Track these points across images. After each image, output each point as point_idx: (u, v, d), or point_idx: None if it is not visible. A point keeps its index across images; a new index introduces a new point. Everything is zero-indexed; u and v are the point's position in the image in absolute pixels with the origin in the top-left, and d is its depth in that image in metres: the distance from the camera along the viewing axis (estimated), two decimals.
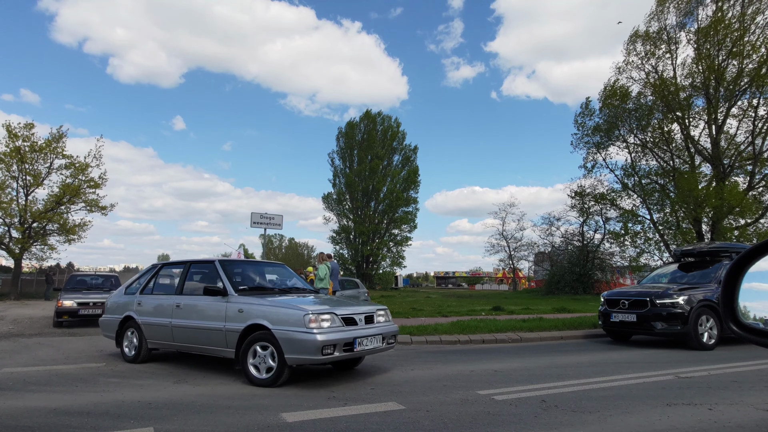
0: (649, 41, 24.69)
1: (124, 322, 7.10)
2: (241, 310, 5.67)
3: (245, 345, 5.50)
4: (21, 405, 4.47)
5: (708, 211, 22.11)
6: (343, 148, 48.57)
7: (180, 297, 6.53)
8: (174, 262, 7.90)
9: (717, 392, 5.03)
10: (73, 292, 12.72)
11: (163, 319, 6.51)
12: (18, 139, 23.53)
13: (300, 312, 5.23)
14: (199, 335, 6.08)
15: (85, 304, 11.88)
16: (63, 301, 11.76)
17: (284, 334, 5.18)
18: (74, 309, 11.75)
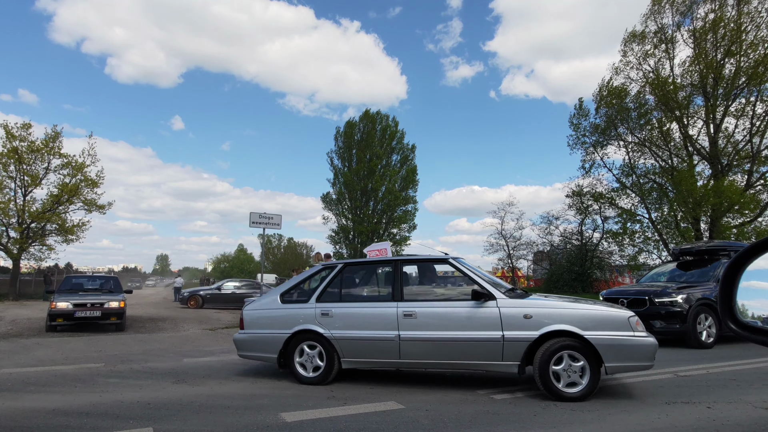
0: (646, 41, 24.71)
1: (294, 337, 5.68)
2: (529, 315, 4.87)
3: (544, 356, 4.73)
4: (20, 406, 4.47)
5: (706, 209, 22.14)
6: (342, 147, 48.56)
7: (408, 304, 5.34)
8: (367, 262, 6.98)
9: (716, 390, 5.04)
10: (68, 294, 11.91)
11: (383, 332, 5.29)
12: (15, 140, 23.48)
13: (623, 314, 4.81)
14: (453, 349, 5.07)
15: (82, 306, 11.04)
16: (57, 302, 10.97)
17: (607, 340, 4.62)
18: (70, 311, 10.89)
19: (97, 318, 11.15)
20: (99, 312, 11.18)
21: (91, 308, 11.17)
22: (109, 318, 11.31)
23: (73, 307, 10.96)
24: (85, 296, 11.78)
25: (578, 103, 28.81)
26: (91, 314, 11.09)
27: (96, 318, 11.15)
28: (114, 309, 11.36)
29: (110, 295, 12.15)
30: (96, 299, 11.50)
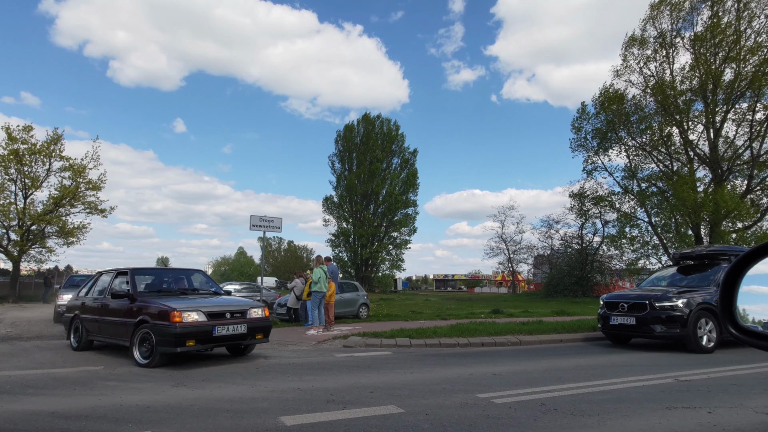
0: (646, 46, 24.79)
1: None
2: None
3: None
4: (19, 408, 4.46)
5: (705, 216, 22.16)
6: (342, 151, 48.62)
7: None
8: None
9: (716, 395, 5.02)
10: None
11: None
12: (17, 142, 23.53)
13: None
14: None
15: None
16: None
17: None
18: None
19: None
20: None
21: None
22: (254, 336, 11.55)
23: None
24: None
25: (581, 107, 28.91)
26: None
27: None
28: None
29: None
30: None
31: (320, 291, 11.24)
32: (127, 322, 7.12)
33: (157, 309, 6.75)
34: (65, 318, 9.02)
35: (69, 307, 9.09)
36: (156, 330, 6.56)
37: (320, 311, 11.36)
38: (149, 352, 6.70)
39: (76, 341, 8.55)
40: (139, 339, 6.86)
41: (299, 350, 8.81)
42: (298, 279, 14.56)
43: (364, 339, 9.73)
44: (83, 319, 8.37)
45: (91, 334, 8.25)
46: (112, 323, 7.60)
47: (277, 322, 14.17)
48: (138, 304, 7.16)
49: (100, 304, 8.07)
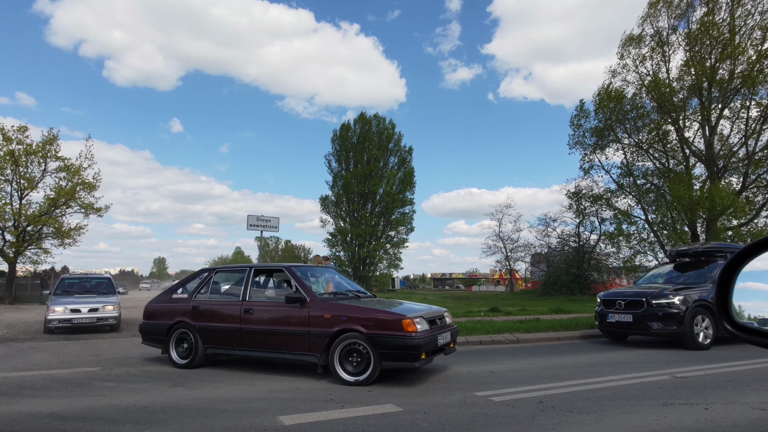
0: (642, 44, 24.85)
1: None
2: None
3: None
4: (16, 410, 4.44)
5: (701, 213, 22.24)
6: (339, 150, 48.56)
7: None
8: None
9: (713, 392, 5.05)
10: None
11: None
12: (12, 143, 23.41)
13: None
14: None
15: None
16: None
17: None
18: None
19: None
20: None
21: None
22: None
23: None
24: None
25: (579, 104, 28.98)
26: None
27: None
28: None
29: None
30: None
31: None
32: (313, 332, 5.88)
33: (377, 316, 5.68)
34: (152, 326, 7.19)
35: (163, 312, 7.15)
36: (380, 342, 5.50)
37: None
38: (363, 367, 5.57)
39: (184, 356, 6.76)
40: (343, 352, 5.68)
41: None
42: None
43: None
44: (202, 328, 6.65)
45: (213, 345, 6.63)
46: (272, 333, 6.18)
47: None
48: (323, 310, 5.95)
49: (243, 309, 6.45)
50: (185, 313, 6.86)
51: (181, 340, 6.84)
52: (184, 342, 6.80)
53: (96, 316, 11.49)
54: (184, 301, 7.06)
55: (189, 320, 6.77)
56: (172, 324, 6.88)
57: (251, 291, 6.69)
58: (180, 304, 7.04)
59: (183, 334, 6.82)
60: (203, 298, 6.97)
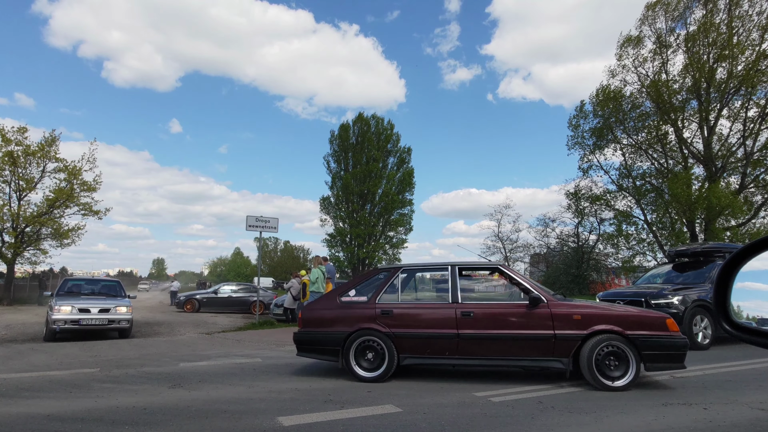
0: (641, 45, 24.89)
1: None
2: None
3: None
4: (14, 411, 4.43)
5: (700, 212, 22.27)
6: (338, 150, 48.57)
7: None
8: None
9: (712, 391, 5.05)
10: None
11: None
12: (11, 144, 23.36)
13: None
14: None
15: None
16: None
17: None
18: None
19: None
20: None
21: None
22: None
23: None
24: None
25: (579, 105, 29.01)
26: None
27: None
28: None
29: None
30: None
31: (318, 291, 11.24)
32: (560, 335, 5.40)
33: (636, 315, 5.45)
34: (320, 335, 6.19)
35: (336, 319, 6.18)
36: (644, 343, 5.24)
37: None
38: (623, 371, 5.26)
39: (371, 368, 5.85)
40: (600, 356, 5.29)
41: None
42: (294, 279, 14.55)
43: None
44: (400, 335, 5.83)
45: (414, 355, 5.84)
46: (503, 339, 5.57)
47: (274, 322, 14.15)
48: (570, 310, 5.53)
49: (460, 313, 5.72)
50: (370, 319, 5.96)
51: (364, 349, 5.91)
52: (369, 352, 5.89)
53: (107, 317, 10.28)
54: (363, 305, 6.12)
55: (379, 327, 5.89)
56: (351, 332, 5.95)
57: (461, 292, 5.91)
58: (358, 309, 6.11)
59: (368, 343, 5.90)
60: (393, 301, 6.12)
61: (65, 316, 9.93)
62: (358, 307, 6.14)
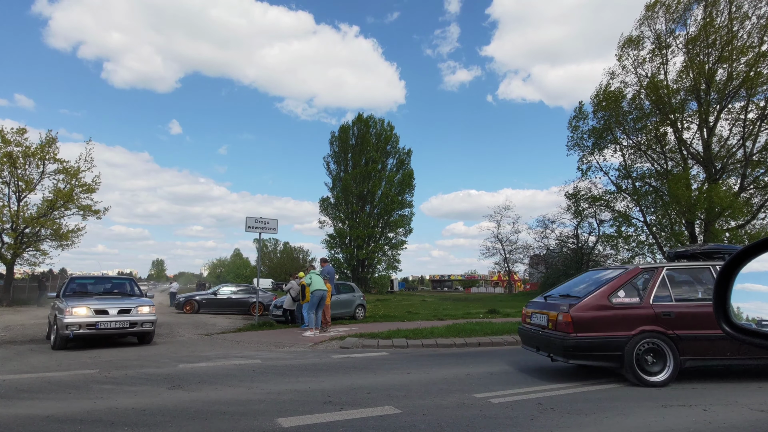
0: (641, 46, 24.94)
1: None
2: None
3: None
4: (13, 413, 4.42)
5: (699, 213, 22.29)
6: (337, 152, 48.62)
7: None
8: None
9: (711, 393, 5.05)
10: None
11: None
12: (10, 145, 23.36)
13: None
14: None
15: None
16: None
17: None
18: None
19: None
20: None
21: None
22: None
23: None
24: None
25: (578, 106, 29.06)
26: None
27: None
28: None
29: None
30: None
31: (321, 289, 11.26)
32: None
33: None
34: (599, 340, 5.66)
35: (612, 322, 5.73)
36: None
37: (317, 313, 11.36)
38: None
39: (658, 371, 5.59)
40: None
41: (296, 352, 8.79)
42: (294, 281, 14.55)
43: (361, 340, 9.72)
44: (684, 337, 5.59)
45: (697, 357, 5.63)
46: None
47: (273, 323, 14.14)
48: None
49: None
50: (650, 321, 5.71)
51: (645, 353, 5.64)
52: (649, 355, 5.63)
53: (128, 319, 8.93)
54: (636, 306, 5.83)
55: (660, 329, 5.65)
56: (632, 335, 5.63)
57: None
58: (634, 310, 5.80)
59: (649, 346, 5.64)
60: (666, 301, 5.86)
61: (80, 319, 8.28)
62: (632, 308, 5.82)
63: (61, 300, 9.27)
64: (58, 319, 8.63)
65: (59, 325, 8.51)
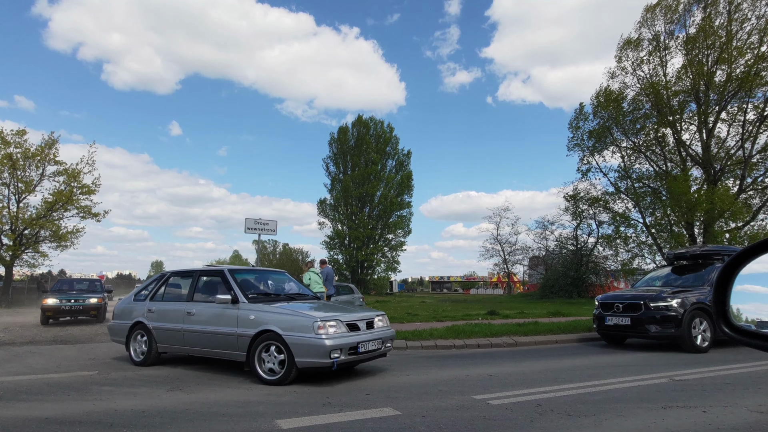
0: (640, 47, 24.98)
1: None
2: None
3: None
4: (11, 414, 4.41)
5: (699, 214, 22.30)
6: (336, 153, 48.60)
7: None
8: None
9: (711, 394, 5.05)
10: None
11: None
12: (10, 146, 23.35)
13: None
14: None
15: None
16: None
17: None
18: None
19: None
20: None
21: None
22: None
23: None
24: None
25: (578, 107, 29.12)
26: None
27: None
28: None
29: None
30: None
31: (320, 291, 11.23)
32: None
33: None
34: None
35: None
36: None
37: None
38: None
39: None
40: None
41: None
42: None
43: None
44: None
45: None
46: None
47: None
48: None
49: None
50: None
51: None
52: None
53: (379, 337, 6.03)
54: None
55: None
56: None
57: None
58: None
59: None
60: None
61: (340, 341, 5.55)
62: None
63: (247, 306, 6.19)
64: (259, 360, 5.85)
65: (294, 353, 5.52)
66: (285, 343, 5.57)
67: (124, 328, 7.61)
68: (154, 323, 7.18)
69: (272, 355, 5.73)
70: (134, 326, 7.46)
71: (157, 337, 7.11)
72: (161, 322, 7.11)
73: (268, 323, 5.82)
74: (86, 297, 14.32)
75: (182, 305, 6.99)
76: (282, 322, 5.73)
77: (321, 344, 5.37)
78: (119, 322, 7.81)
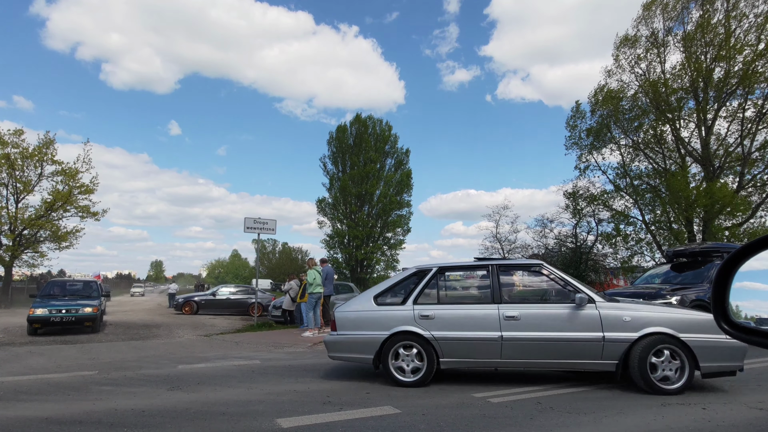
0: (638, 45, 24.97)
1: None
2: None
3: None
4: (12, 415, 4.41)
5: (699, 211, 22.31)
6: (335, 152, 48.55)
7: None
8: None
9: (710, 391, 5.06)
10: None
11: None
12: (7, 146, 23.32)
13: None
14: None
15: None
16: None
17: None
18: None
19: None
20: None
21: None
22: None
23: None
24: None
25: (575, 105, 29.10)
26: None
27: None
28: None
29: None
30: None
31: (317, 292, 11.22)
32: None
33: None
34: None
35: None
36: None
37: (315, 313, 11.34)
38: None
39: None
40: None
41: (295, 352, 8.78)
42: (292, 281, 14.54)
43: None
44: None
45: None
46: None
47: (272, 324, 14.13)
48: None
49: None
50: None
51: None
52: None
53: None
54: None
55: None
56: None
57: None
58: None
59: None
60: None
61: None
62: None
63: (600, 301, 5.91)
64: None
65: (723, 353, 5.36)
66: (685, 346, 5.05)
67: (373, 342, 5.75)
68: (440, 332, 5.59)
69: (666, 360, 5.07)
70: (393, 338, 5.72)
71: (445, 349, 5.56)
72: (453, 330, 5.58)
73: (650, 324, 5.15)
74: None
75: (490, 308, 5.57)
76: (674, 322, 5.16)
77: (733, 345, 4.98)
78: (360, 334, 5.88)
